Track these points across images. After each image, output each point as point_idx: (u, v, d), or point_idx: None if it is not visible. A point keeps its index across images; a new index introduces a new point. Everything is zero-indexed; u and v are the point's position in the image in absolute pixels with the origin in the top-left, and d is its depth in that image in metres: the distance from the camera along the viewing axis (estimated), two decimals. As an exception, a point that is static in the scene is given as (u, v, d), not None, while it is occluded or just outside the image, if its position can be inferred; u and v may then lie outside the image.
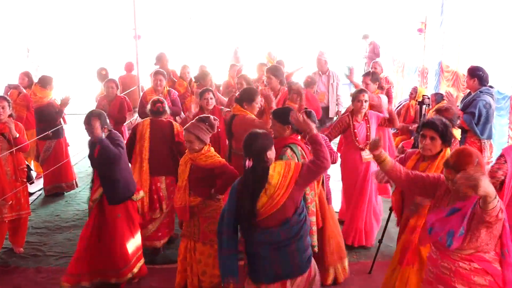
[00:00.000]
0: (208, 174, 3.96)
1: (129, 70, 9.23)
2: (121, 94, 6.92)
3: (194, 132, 3.89)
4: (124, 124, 6.82)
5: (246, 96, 4.63)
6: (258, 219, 2.97)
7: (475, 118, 5.19)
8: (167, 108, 5.00)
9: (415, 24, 10.38)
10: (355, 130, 4.84)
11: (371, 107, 5.42)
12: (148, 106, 5.00)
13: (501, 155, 3.62)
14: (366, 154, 4.78)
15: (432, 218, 2.73)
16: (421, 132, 3.47)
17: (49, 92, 6.72)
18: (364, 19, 14.07)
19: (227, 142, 4.94)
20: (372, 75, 6.10)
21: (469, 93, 5.53)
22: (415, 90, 7.18)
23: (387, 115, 5.06)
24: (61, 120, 6.69)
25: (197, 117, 4.06)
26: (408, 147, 5.54)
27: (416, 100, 6.60)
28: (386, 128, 5.57)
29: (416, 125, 6.27)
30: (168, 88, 6.51)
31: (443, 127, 3.37)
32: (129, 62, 9.25)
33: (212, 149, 4.00)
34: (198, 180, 3.96)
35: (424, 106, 4.81)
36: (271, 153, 3.07)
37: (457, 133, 4.54)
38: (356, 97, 4.85)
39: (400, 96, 11.55)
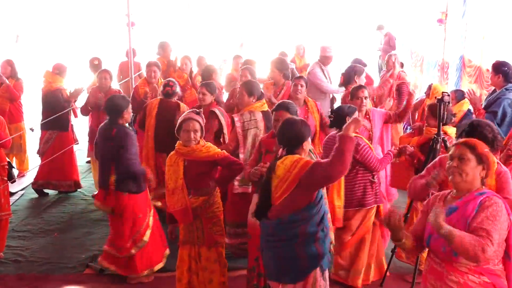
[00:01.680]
0: (208, 168, 4.00)
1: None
2: (122, 81, 6.90)
3: (199, 120, 3.96)
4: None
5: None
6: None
7: (498, 118, 5.16)
8: (177, 90, 5.72)
9: (435, 14, 10.34)
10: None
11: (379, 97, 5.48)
12: (160, 88, 5.77)
13: None
14: None
15: (430, 225, 2.66)
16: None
17: (62, 80, 6.76)
18: (379, 8, 14.04)
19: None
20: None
21: (494, 91, 5.50)
22: (429, 87, 7.15)
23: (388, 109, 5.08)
24: (71, 113, 6.73)
25: (191, 109, 4.14)
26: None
27: (435, 98, 6.56)
28: (388, 126, 5.53)
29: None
30: (163, 80, 6.51)
31: (492, 135, 3.31)
32: (132, 48, 9.33)
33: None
34: (198, 176, 3.97)
35: (443, 104, 4.78)
36: (307, 144, 3.16)
37: (452, 131, 4.52)
38: (354, 94, 4.81)
39: (419, 93, 11.53)
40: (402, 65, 7.78)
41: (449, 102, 4.66)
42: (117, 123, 4.50)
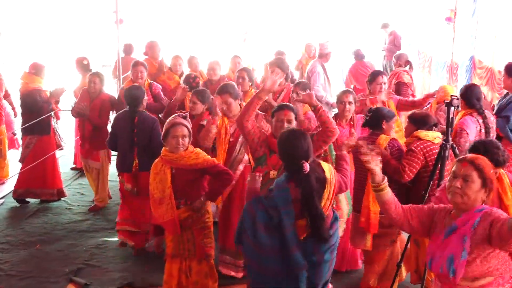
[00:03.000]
0: (197, 175, 4.02)
1: (128, 52, 9.33)
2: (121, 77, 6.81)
3: (187, 125, 3.99)
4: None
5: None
6: None
7: (510, 123, 5.19)
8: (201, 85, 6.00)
9: (443, 12, 10.40)
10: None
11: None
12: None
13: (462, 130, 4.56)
14: None
15: (431, 246, 2.68)
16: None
17: (40, 80, 6.70)
18: (384, 5, 14.09)
19: None
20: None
21: (506, 94, 5.53)
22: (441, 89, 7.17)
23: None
24: (53, 115, 6.72)
25: (174, 114, 4.16)
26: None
27: (443, 102, 6.57)
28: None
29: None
30: (150, 81, 6.53)
31: (503, 157, 3.37)
32: (129, 43, 9.44)
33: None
34: (188, 185, 3.98)
35: (452, 108, 4.80)
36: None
37: (432, 135, 4.47)
38: (339, 98, 4.84)
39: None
40: (406, 64, 7.82)
41: (458, 106, 4.68)
42: (138, 111, 5.24)
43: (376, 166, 2.85)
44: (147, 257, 5.32)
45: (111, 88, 8.75)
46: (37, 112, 6.48)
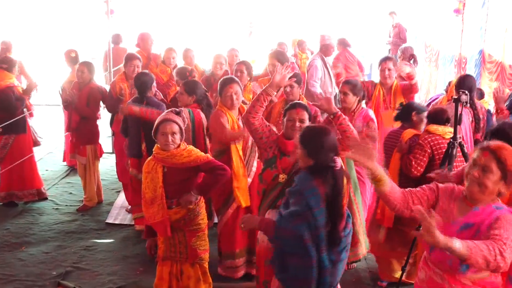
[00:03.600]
0: (190, 175, 4.01)
1: (116, 42, 9.32)
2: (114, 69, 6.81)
3: (178, 122, 3.95)
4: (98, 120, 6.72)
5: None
6: None
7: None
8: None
9: (451, 3, 10.39)
10: None
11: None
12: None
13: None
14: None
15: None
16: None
17: (11, 76, 6.63)
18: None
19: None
20: (393, 60, 6.11)
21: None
22: (450, 84, 7.16)
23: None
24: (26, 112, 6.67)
25: (170, 109, 4.13)
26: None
27: (451, 97, 6.59)
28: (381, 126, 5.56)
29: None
30: None
31: None
32: (117, 33, 9.52)
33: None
34: (180, 184, 3.97)
35: (460, 104, 4.79)
36: None
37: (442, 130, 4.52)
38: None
39: (434, 90, 11.56)
40: (410, 58, 7.81)
41: (466, 102, 4.68)
42: (146, 96, 5.53)
43: (368, 161, 2.75)
44: (139, 259, 5.32)
45: (102, 81, 8.73)
46: (12, 110, 6.41)
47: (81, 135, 6.52)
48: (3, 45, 8.83)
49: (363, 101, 5.21)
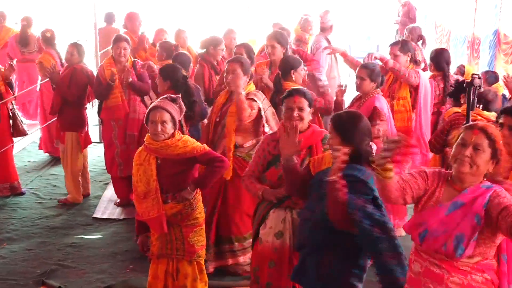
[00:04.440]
0: (186, 167, 4.00)
1: (110, 21, 9.31)
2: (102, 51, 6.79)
3: (170, 110, 3.91)
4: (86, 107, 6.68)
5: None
6: None
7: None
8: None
9: (464, -21, 10.36)
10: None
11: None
12: None
13: None
14: None
15: (426, 218, 2.72)
16: (499, 120, 3.68)
17: None
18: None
19: None
20: (402, 45, 6.08)
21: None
22: (461, 70, 7.15)
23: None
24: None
25: (164, 95, 4.10)
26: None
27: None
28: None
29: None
30: (133, 59, 6.47)
31: None
32: (110, 12, 9.52)
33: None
34: (176, 177, 3.96)
35: (473, 88, 4.79)
36: None
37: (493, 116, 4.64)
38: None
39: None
40: (419, 39, 7.79)
41: (480, 86, 4.68)
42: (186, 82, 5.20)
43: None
44: (129, 257, 5.33)
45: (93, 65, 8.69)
46: None
47: (62, 120, 6.49)
48: (24, 21, 9.20)
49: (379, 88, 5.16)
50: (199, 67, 6.43)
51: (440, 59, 5.99)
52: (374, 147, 3.21)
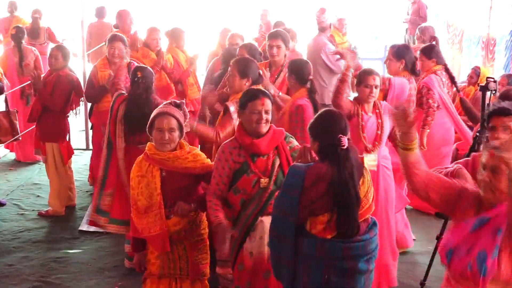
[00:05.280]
0: (193, 181, 3.96)
1: (101, 16, 9.35)
2: (91, 50, 6.79)
3: (177, 116, 3.87)
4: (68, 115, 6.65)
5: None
6: None
7: None
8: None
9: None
10: (363, 122, 4.84)
11: None
12: None
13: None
14: (371, 160, 4.77)
15: (453, 238, 2.74)
16: (490, 124, 3.66)
17: None
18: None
19: None
20: (397, 49, 6.05)
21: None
22: (476, 71, 7.17)
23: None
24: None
25: (169, 101, 4.05)
26: (465, 150, 5.56)
27: (477, 85, 6.62)
28: None
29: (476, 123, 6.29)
30: (129, 60, 6.45)
31: None
32: (101, 6, 9.72)
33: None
34: (181, 191, 3.92)
35: (488, 92, 4.81)
36: None
37: None
38: (363, 81, 4.84)
39: (457, 76, 11.56)
40: (431, 40, 7.81)
41: (495, 90, 4.70)
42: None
43: (404, 125, 2.94)
44: (118, 273, 5.32)
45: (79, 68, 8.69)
46: None
47: (42, 129, 6.45)
48: (36, 14, 9.80)
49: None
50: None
51: (432, 52, 6.38)
52: (345, 141, 3.22)
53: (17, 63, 8.27)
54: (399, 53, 5.79)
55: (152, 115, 3.90)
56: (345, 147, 3.15)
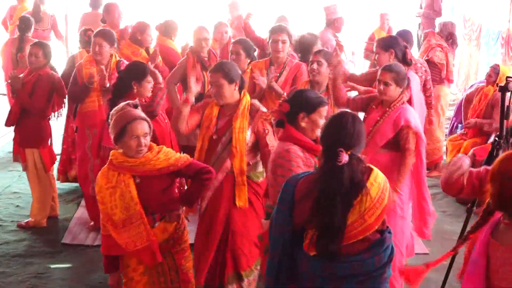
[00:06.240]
0: (170, 182, 4.01)
1: (95, 6, 9.39)
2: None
3: (148, 119, 3.93)
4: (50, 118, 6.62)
5: None
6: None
7: None
8: None
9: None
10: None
11: None
12: None
13: None
14: None
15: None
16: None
17: None
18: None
19: None
20: (382, 40, 6.08)
21: None
22: (495, 70, 7.17)
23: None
24: None
25: (126, 102, 4.04)
26: (483, 156, 5.55)
27: (496, 85, 6.61)
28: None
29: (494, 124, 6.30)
30: (118, 58, 6.44)
31: None
32: None
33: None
34: (161, 195, 3.95)
35: (508, 93, 4.81)
36: None
37: None
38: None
39: (474, 76, 11.58)
40: (449, 38, 7.82)
41: (516, 91, 4.69)
42: None
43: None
44: (104, 290, 5.33)
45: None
46: None
47: (21, 134, 6.43)
48: (39, 2, 10.42)
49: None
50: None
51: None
52: (344, 157, 3.16)
53: (14, 54, 8.36)
54: (385, 44, 5.81)
55: (120, 122, 3.84)
56: (341, 163, 3.10)
